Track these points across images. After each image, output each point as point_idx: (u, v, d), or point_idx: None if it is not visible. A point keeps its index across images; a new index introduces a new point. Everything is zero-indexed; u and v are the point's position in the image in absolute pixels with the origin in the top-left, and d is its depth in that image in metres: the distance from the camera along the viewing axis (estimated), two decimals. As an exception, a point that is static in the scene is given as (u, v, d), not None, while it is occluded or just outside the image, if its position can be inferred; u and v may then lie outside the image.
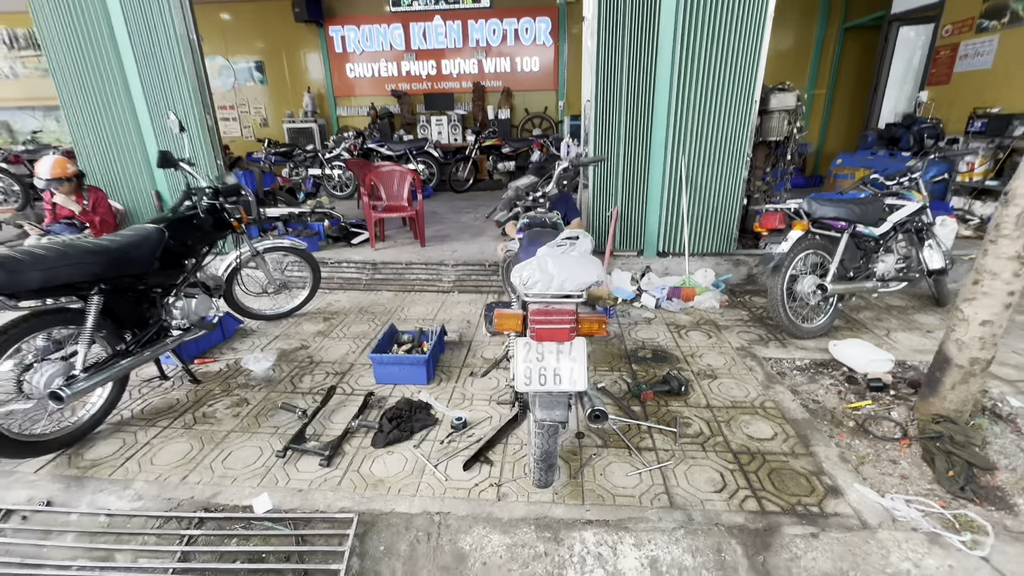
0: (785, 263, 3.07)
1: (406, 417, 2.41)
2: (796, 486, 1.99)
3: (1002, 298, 1.92)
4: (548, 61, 9.24)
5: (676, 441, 2.26)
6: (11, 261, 1.92)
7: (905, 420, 2.33)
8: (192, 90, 4.21)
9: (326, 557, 1.80)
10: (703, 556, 1.74)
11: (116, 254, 2.27)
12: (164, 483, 2.08)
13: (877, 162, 5.80)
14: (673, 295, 3.84)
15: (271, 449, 2.27)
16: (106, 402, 2.40)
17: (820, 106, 8.68)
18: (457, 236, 5.45)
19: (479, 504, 1.93)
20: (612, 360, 3.04)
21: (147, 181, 4.57)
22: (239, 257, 3.22)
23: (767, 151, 4.37)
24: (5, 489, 2.06)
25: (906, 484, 1.99)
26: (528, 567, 1.74)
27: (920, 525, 1.79)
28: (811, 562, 1.70)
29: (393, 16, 9.15)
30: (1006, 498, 1.91)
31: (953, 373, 2.10)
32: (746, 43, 3.71)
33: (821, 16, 8.22)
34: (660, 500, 1.94)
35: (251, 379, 2.87)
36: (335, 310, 3.92)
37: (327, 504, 1.95)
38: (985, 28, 5.56)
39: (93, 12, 4.09)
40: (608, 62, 3.84)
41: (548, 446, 1.63)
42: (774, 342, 3.24)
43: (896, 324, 3.48)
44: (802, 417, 2.42)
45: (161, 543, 1.87)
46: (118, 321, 2.41)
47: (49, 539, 1.91)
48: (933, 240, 3.49)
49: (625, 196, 4.20)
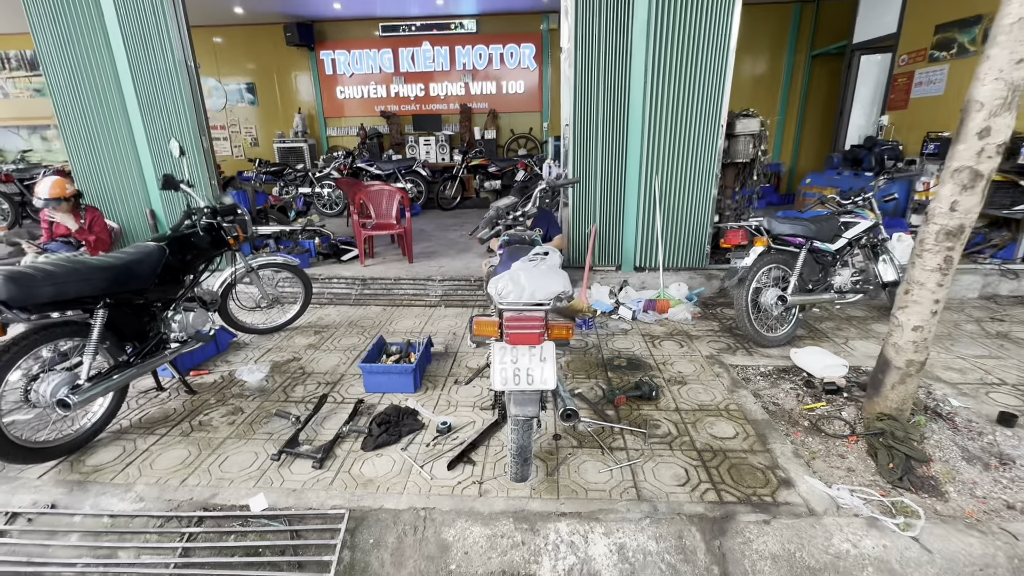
0: (749, 276, 3.31)
1: (394, 422, 2.57)
2: (752, 479, 2.17)
3: (929, 305, 2.16)
4: (532, 84, 9.60)
5: (646, 441, 2.44)
6: (24, 277, 2.07)
7: (854, 419, 2.54)
8: (189, 113, 4.39)
9: (319, 550, 1.93)
10: (666, 542, 1.90)
11: (121, 270, 2.42)
12: (164, 486, 2.20)
13: (843, 181, 6.15)
14: (649, 307, 4.05)
15: (266, 453, 2.40)
16: (106, 411, 2.52)
17: (792, 129, 9.12)
18: (444, 253, 5.65)
19: (462, 500, 2.08)
20: (589, 368, 3.22)
21: (142, 200, 4.71)
22: (234, 273, 3.38)
23: (735, 172, 4.66)
24: (10, 493, 2.17)
25: (852, 476, 2.19)
26: (507, 555, 1.90)
27: (861, 511, 1.98)
28: (762, 545, 1.87)
29: (383, 41, 9.48)
30: (939, 486, 2.11)
31: (892, 374, 2.32)
32: (712, 73, 4.01)
33: (790, 45, 8.71)
34: (629, 494, 2.11)
35: (245, 389, 3.00)
36: (326, 324, 4.07)
37: (320, 502, 2.09)
38: (936, 58, 5.99)
39: (93, 37, 4.27)
40: (585, 89, 4.11)
41: (523, 440, 1.80)
42: (741, 351, 3.45)
43: (855, 333, 3.72)
44: (762, 418, 2.62)
45: (163, 541, 1.99)
46: (120, 334, 2.54)
47: (54, 539, 2.02)
48: (887, 255, 3.76)
49: (603, 214, 4.44)
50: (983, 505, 2.01)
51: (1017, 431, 2.45)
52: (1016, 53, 1.75)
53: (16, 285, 2.02)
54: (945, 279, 2.11)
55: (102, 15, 4.21)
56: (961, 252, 2.08)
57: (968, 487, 2.11)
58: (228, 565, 1.91)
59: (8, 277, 2.01)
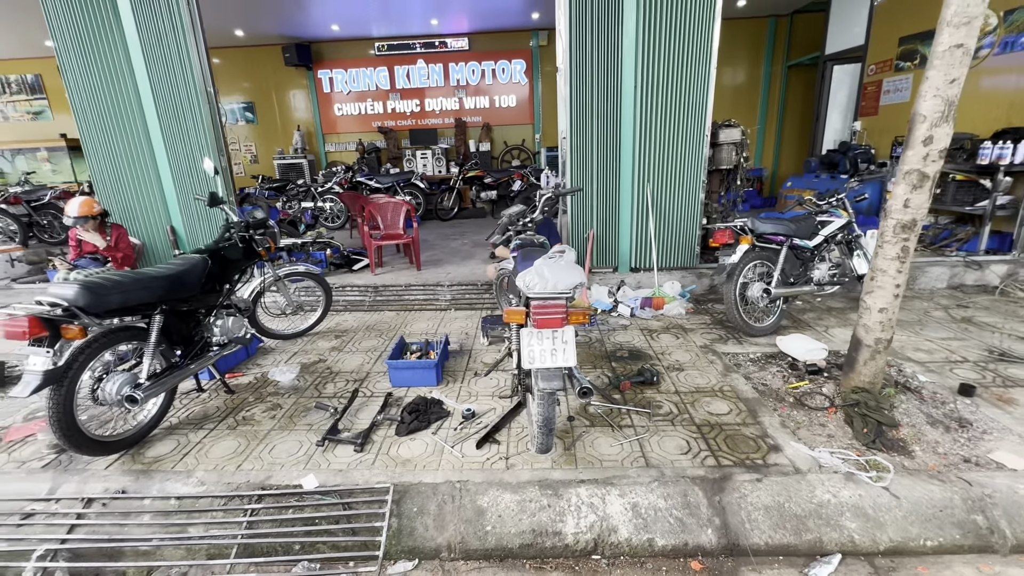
0: (736, 272, 3.64)
1: (423, 411, 2.83)
2: (746, 446, 2.47)
3: (891, 289, 2.49)
4: (524, 98, 9.99)
5: (650, 419, 2.74)
6: (98, 286, 2.32)
7: (833, 394, 2.86)
8: (208, 135, 4.66)
9: (370, 518, 2.19)
10: (673, 499, 2.19)
11: (174, 279, 2.68)
12: (222, 471, 2.44)
13: (820, 184, 6.56)
14: (645, 305, 4.37)
15: (309, 442, 2.65)
16: (159, 410, 2.76)
17: (772, 135, 9.59)
18: (449, 260, 5.94)
19: (492, 473, 2.36)
20: (595, 360, 3.52)
21: (163, 218, 4.96)
22: (263, 282, 3.63)
23: (720, 177, 5.03)
24: (82, 483, 2.40)
25: (831, 441, 2.50)
26: (535, 516, 2.17)
27: (840, 469, 2.28)
28: (756, 499, 2.17)
29: (378, 59, 9.83)
30: (906, 447, 2.42)
31: (864, 352, 2.65)
32: (696, 87, 4.38)
33: (767, 56, 9.20)
34: (638, 462, 2.40)
35: (279, 388, 3.25)
36: (344, 329, 4.33)
37: (365, 479, 2.35)
38: (902, 68, 6.45)
39: (118, 64, 4.54)
40: (579, 104, 4.46)
41: (548, 413, 2.09)
42: (732, 340, 3.77)
43: (834, 322, 4.07)
44: (753, 396, 2.93)
45: (228, 517, 2.24)
46: (170, 338, 2.79)
47: (129, 520, 2.25)
48: (860, 250, 4.12)
49: (600, 220, 4.76)
50: (944, 460, 2.33)
51: (975, 400, 2.79)
52: (949, 75, 2.10)
53: (92, 293, 2.27)
54: (903, 266, 2.44)
55: (126, 42, 4.48)
56: (915, 242, 2.41)
57: (931, 446, 2.42)
58: (289, 534, 2.16)
59: (84, 286, 2.27)
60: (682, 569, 2.02)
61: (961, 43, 2.07)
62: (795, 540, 2.07)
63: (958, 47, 2.07)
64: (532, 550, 2.09)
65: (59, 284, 2.27)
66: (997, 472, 2.24)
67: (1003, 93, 5.24)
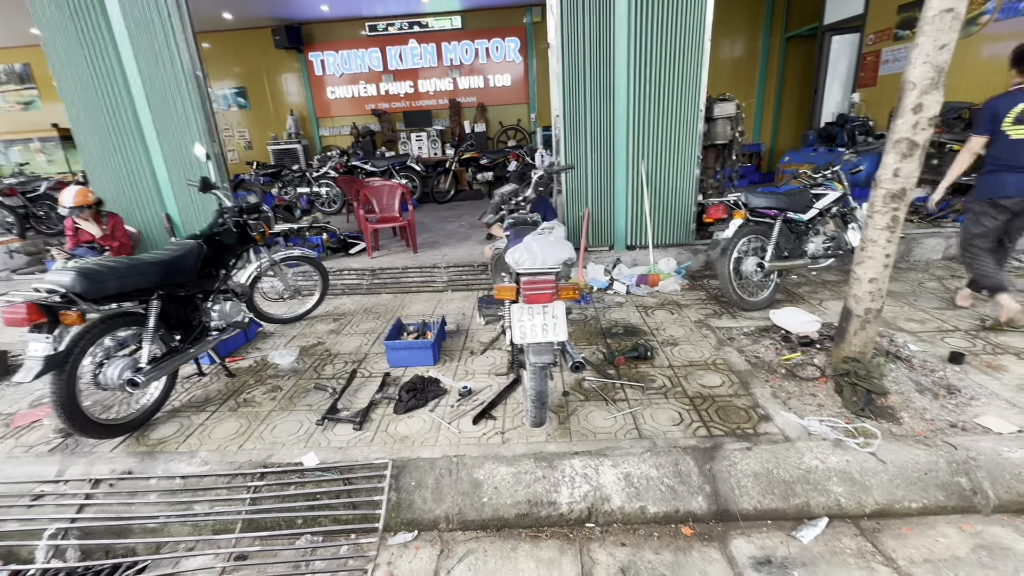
0: (730, 247, 3.65)
1: (420, 389, 2.88)
2: (737, 417, 2.52)
3: (881, 259, 2.50)
4: (519, 77, 9.86)
5: (644, 393, 2.78)
6: (94, 272, 2.34)
7: (824, 364, 2.90)
8: (199, 120, 4.63)
9: (369, 492, 2.25)
10: (664, 469, 2.25)
11: (170, 264, 2.70)
12: (224, 451, 2.50)
13: (819, 158, 6.51)
14: (641, 282, 4.39)
15: (309, 421, 2.70)
16: (162, 393, 2.81)
17: (770, 109, 9.48)
18: (445, 242, 5.94)
19: (488, 447, 2.41)
20: (590, 336, 3.56)
21: (157, 205, 4.96)
22: (260, 266, 3.66)
23: (716, 153, 5.00)
24: (90, 464, 2.46)
25: (821, 410, 2.54)
26: (530, 487, 2.23)
27: (828, 436, 2.33)
28: (745, 466, 2.22)
29: (370, 40, 9.68)
30: (894, 414, 2.47)
31: (854, 322, 2.67)
32: (690, 60, 4.33)
33: (764, 28, 9.03)
34: (631, 434, 2.45)
35: (279, 371, 3.30)
36: (342, 312, 4.36)
37: (364, 456, 2.41)
38: (901, 37, 6.35)
39: (104, 49, 4.49)
40: (572, 81, 4.41)
41: (540, 387, 2.13)
42: (726, 315, 3.80)
43: (828, 295, 4.09)
44: (745, 369, 2.97)
45: (232, 494, 2.30)
46: (168, 323, 2.83)
47: (136, 498, 2.32)
48: (855, 223, 4.12)
49: (595, 198, 4.75)
50: (931, 426, 2.38)
51: (964, 367, 2.83)
52: (938, 40, 2.08)
53: (88, 279, 2.30)
54: (893, 236, 2.45)
55: (112, 27, 4.42)
56: (906, 212, 2.42)
57: (919, 413, 2.47)
58: (292, 509, 2.22)
59: (81, 272, 2.29)
60: (673, 534, 2.08)
61: (951, 7, 2.04)
62: (783, 505, 2.12)
63: (948, 11, 2.04)
64: (528, 519, 2.16)
65: (56, 271, 2.29)
66: (983, 436, 2.29)
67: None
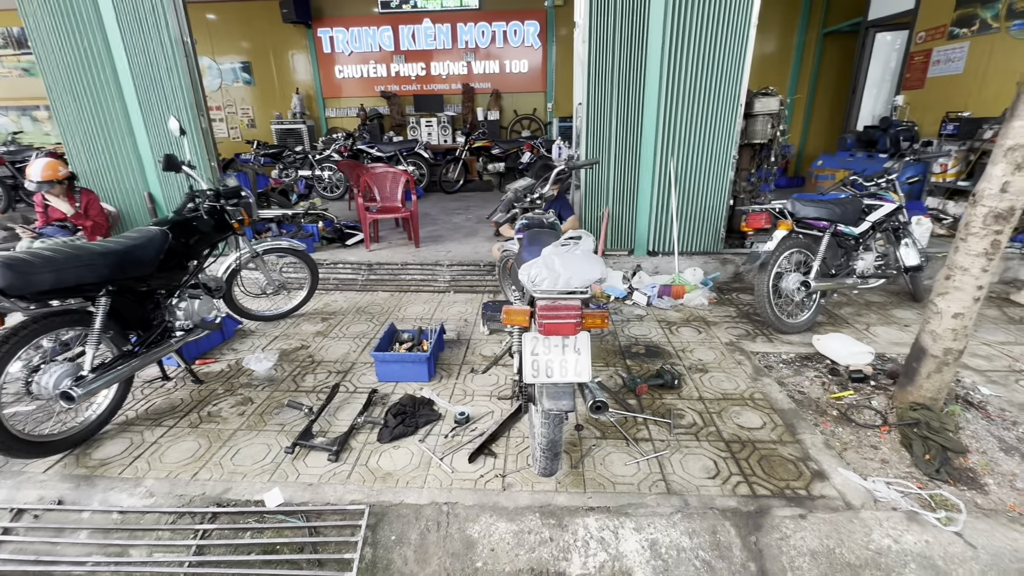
0: (771, 261, 3.21)
1: (410, 413, 2.48)
2: (784, 471, 2.10)
3: (972, 292, 2.06)
4: (537, 63, 9.35)
5: (671, 432, 2.37)
6: (21, 263, 1.95)
7: (885, 408, 2.47)
8: (186, 92, 4.22)
9: (339, 547, 1.86)
10: (699, 537, 1.84)
11: (123, 256, 2.30)
12: (175, 480, 2.12)
13: (856, 163, 6.03)
14: (663, 293, 3.96)
15: (279, 446, 2.32)
16: (112, 403, 2.43)
17: (801, 109, 8.93)
18: (450, 237, 5.52)
19: (485, 494, 2.01)
20: (607, 356, 3.14)
21: (139, 183, 4.56)
22: (239, 258, 3.26)
23: (752, 153, 4.53)
24: (15, 489, 2.08)
25: (886, 468, 2.12)
26: (535, 552, 1.83)
27: (899, 505, 1.91)
28: (800, 541, 1.81)
29: (382, 18, 9.20)
30: (977, 478, 2.05)
31: (928, 363, 2.24)
32: (732, 49, 3.86)
33: (801, 22, 8.47)
34: (658, 487, 2.04)
35: (253, 379, 2.91)
36: (333, 310, 3.97)
37: (338, 497, 2.01)
38: (956, 35, 5.81)
39: (85, 13, 4.07)
40: (598, 66, 3.95)
41: (554, 435, 1.72)
42: (761, 337, 3.37)
43: (876, 319, 3.64)
44: (789, 407, 2.55)
45: (175, 538, 1.92)
46: (123, 322, 2.44)
47: (62, 536, 1.94)
48: (909, 238, 3.66)
49: (616, 197, 4.31)
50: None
51: (1052, 420, 2.39)
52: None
53: (12, 272, 1.91)
54: (991, 264, 2.01)
55: (92, -14, 4.01)
56: (1009, 236, 1.98)
57: (1008, 479, 2.04)
58: (245, 563, 1.83)
59: (3, 264, 1.90)
60: (710, 626, 1.68)
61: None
62: (848, 596, 1.72)
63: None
64: (530, 594, 1.76)
65: (-27, 261, 1.90)
66: (1093, 517, 1.86)
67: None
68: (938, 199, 5.34)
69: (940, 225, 5.04)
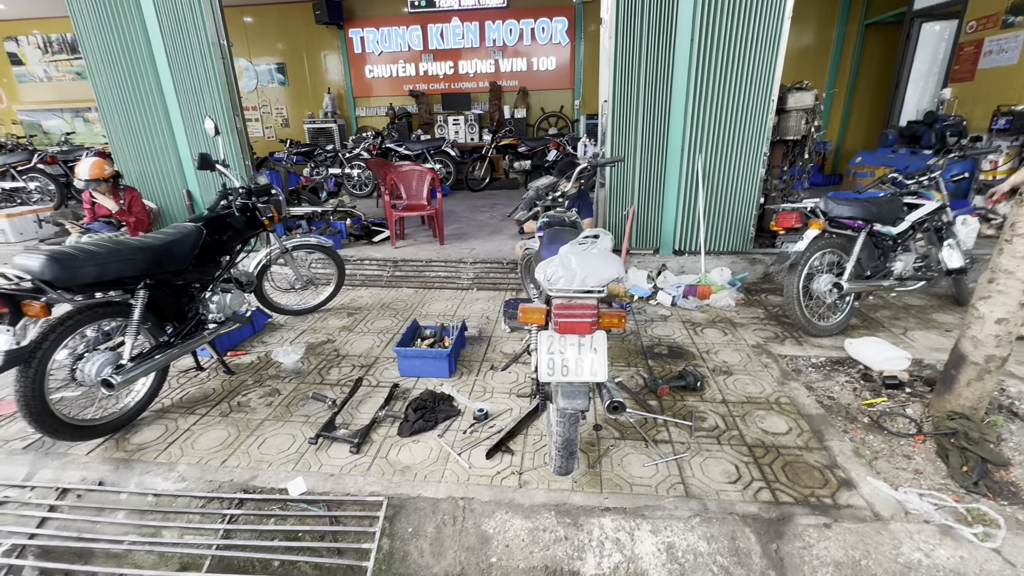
0: (801, 262, 3.11)
1: (430, 408, 2.52)
2: (809, 478, 2.04)
3: (1017, 296, 1.95)
4: (564, 60, 9.29)
5: (691, 434, 2.33)
6: (67, 257, 2.07)
7: (920, 417, 2.36)
8: (222, 94, 4.37)
9: (358, 537, 1.91)
10: (718, 543, 1.80)
11: (161, 251, 2.41)
12: (205, 466, 2.21)
13: (898, 160, 5.76)
14: (689, 293, 3.89)
15: (303, 436, 2.39)
16: (149, 390, 2.55)
17: (840, 103, 8.59)
18: (475, 234, 5.56)
19: (501, 491, 2.02)
20: (629, 356, 3.11)
21: (179, 181, 4.76)
22: (269, 254, 3.36)
23: (784, 150, 4.39)
24: (60, 469, 2.21)
25: (919, 479, 2.03)
26: (549, 550, 1.83)
27: (932, 518, 1.83)
28: (823, 551, 1.75)
29: (411, 17, 9.31)
30: (1019, 493, 1.94)
31: (968, 370, 2.13)
32: (764, 43, 3.74)
33: (841, 12, 8.15)
34: (676, 490, 2.01)
35: (281, 371, 3.00)
36: (358, 306, 4.05)
37: (358, 488, 2.06)
38: (1011, 24, 5.48)
39: (130, 18, 4.27)
40: (625, 62, 3.90)
41: (569, 434, 1.72)
42: (790, 340, 3.27)
43: (914, 323, 3.48)
44: (817, 413, 2.46)
45: (205, 522, 2.00)
46: (160, 314, 2.56)
47: (102, 516, 2.05)
48: (953, 239, 3.48)
49: (642, 194, 4.25)
50: (1071, 515, 1.84)
51: (1107, 434, 2.24)
52: None
53: (60, 265, 2.02)
54: (1039, 267, 1.89)
55: (137, -6, 4.20)
56: (1060, 237, 1.86)
57: (1053, 495, 1.93)
58: (269, 549, 1.90)
59: (51, 257, 2.01)
60: (726, 633, 1.65)
61: None
62: (874, 609, 1.65)
63: None
64: (543, 592, 1.76)
65: (25, 255, 2.02)
66: None
67: None
68: (982, 197, 5.05)
69: (988, 225, 4.76)
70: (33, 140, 9.43)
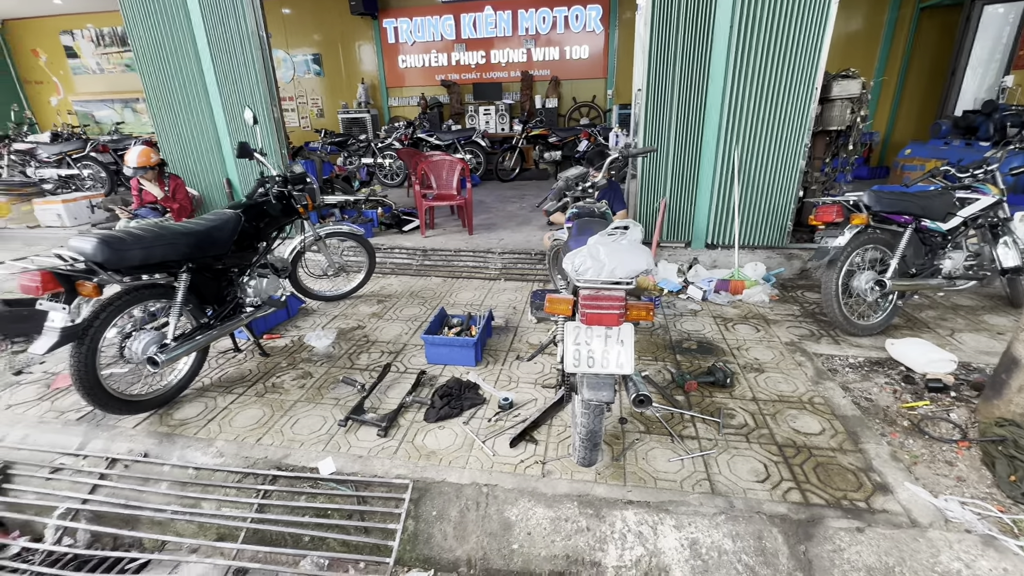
0: (841, 257, 2.99)
1: (456, 395, 2.55)
2: (843, 481, 1.98)
3: (1080, 298, 1.82)
4: (598, 49, 9.13)
5: (719, 431, 2.29)
6: (116, 241, 2.17)
7: (965, 422, 2.25)
8: (261, 84, 4.49)
9: (384, 517, 1.96)
10: (743, 541, 1.77)
11: (203, 236, 2.51)
12: (242, 443, 2.30)
13: (951, 152, 5.46)
14: (721, 288, 3.80)
15: (333, 418, 2.46)
16: (190, 369, 2.67)
17: (890, 92, 8.16)
18: (503, 225, 5.56)
19: (525, 479, 2.04)
20: (657, 350, 3.07)
21: (219, 170, 4.93)
22: (303, 241, 3.46)
23: (827, 141, 4.21)
24: (110, 440, 2.35)
25: (962, 486, 1.94)
26: (571, 539, 1.84)
27: (975, 527, 1.75)
28: (855, 555, 1.70)
29: (444, 7, 9.31)
30: (1073, 506, 1.83)
31: (1020, 375, 2.02)
32: (808, 28, 3.58)
33: (895, -5, 7.70)
34: (701, 486, 1.98)
35: (313, 354, 3.10)
36: (388, 293, 4.13)
37: (384, 471, 2.12)
38: (1085, 5, 5.08)
39: (175, 11, 4.42)
40: (661, 49, 3.80)
41: (593, 425, 1.71)
42: (826, 338, 3.16)
43: (962, 324, 3.31)
44: (852, 414, 2.38)
45: (241, 496, 2.10)
46: (201, 297, 2.67)
47: (147, 486, 2.17)
48: (1009, 237, 3.27)
49: (674, 186, 4.16)
50: None
51: None
52: None
53: (110, 248, 2.13)
54: (1105, 267, 1.76)
55: (182, -13, 4.33)
56: None
57: (1111, 510, 1.81)
58: (300, 524, 1.98)
59: (102, 240, 2.12)
60: (749, 632, 1.63)
61: None
62: (907, 618, 1.60)
63: None
64: (564, 580, 1.78)
65: (79, 238, 2.14)
66: None
67: None
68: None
69: (1050, 222, 4.46)
70: (87, 130, 9.92)
